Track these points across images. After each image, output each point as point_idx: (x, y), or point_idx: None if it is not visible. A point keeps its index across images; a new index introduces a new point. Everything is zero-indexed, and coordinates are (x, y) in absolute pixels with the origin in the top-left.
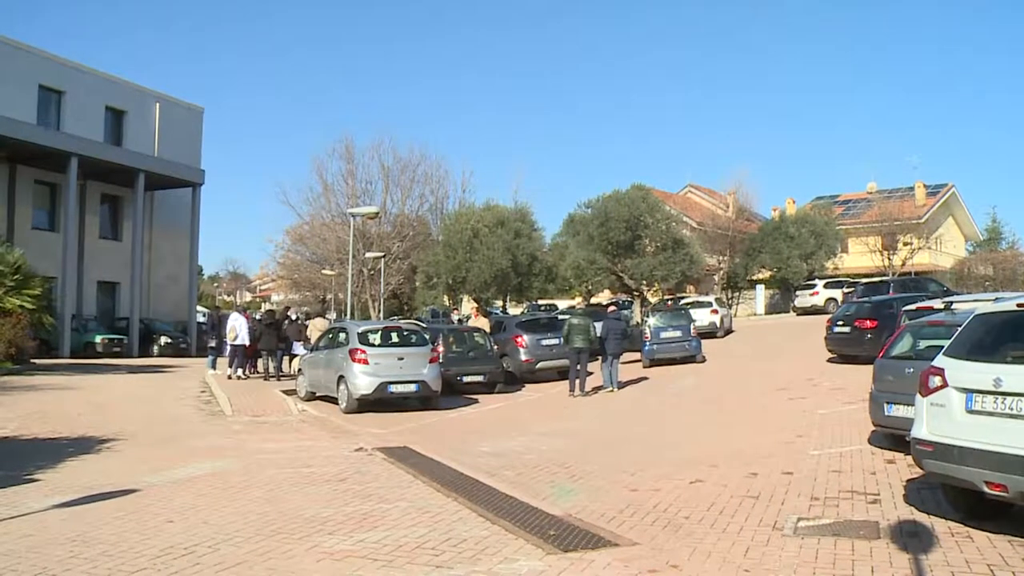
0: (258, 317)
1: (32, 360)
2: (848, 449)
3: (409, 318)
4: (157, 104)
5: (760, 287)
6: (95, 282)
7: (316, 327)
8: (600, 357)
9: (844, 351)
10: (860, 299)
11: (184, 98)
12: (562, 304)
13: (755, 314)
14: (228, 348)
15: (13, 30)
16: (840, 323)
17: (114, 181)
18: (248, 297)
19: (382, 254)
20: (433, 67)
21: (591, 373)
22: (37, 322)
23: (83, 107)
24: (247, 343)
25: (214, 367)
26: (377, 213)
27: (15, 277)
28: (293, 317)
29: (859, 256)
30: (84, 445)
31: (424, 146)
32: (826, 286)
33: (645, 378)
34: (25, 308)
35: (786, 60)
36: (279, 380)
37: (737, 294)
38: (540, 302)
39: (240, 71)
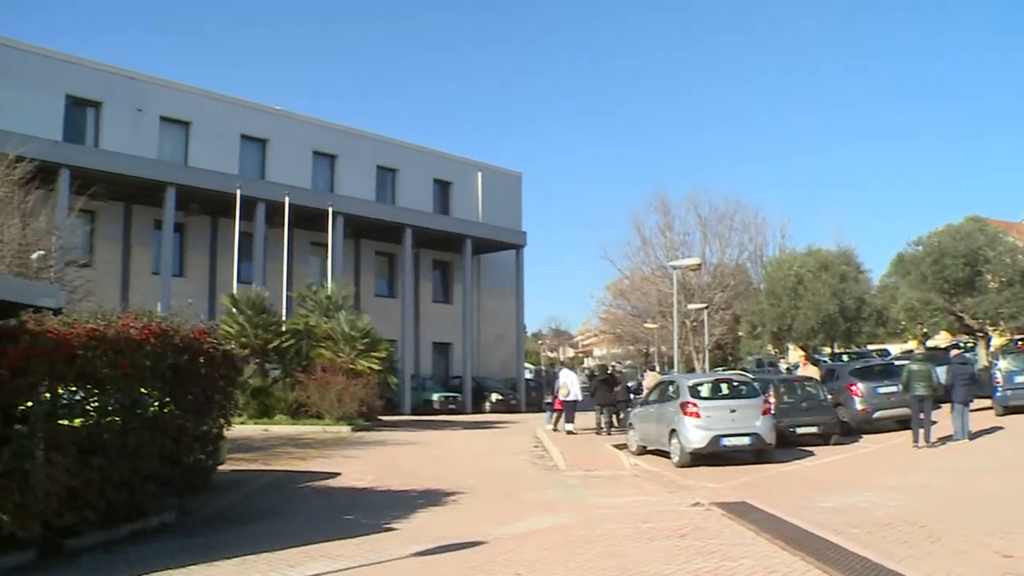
0: (596, 372)
1: (379, 417)
2: None
3: (734, 369)
4: (479, 173)
5: None
6: (430, 343)
7: (650, 380)
8: (944, 405)
9: None
10: None
11: (503, 165)
12: (893, 349)
13: None
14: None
15: (355, 119)
16: None
17: (443, 248)
18: (570, 353)
19: (704, 305)
20: (743, 114)
21: (935, 422)
22: (383, 382)
23: (414, 182)
24: (579, 399)
25: (553, 422)
26: (699, 265)
27: (364, 341)
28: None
29: None
30: (431, 497)
31: (739, 194)
32: None
33: (999, 427)
34: (373, 369)
35: None
36: (610, 434)
37: None
38: (870, 347)
39: (556, 133)
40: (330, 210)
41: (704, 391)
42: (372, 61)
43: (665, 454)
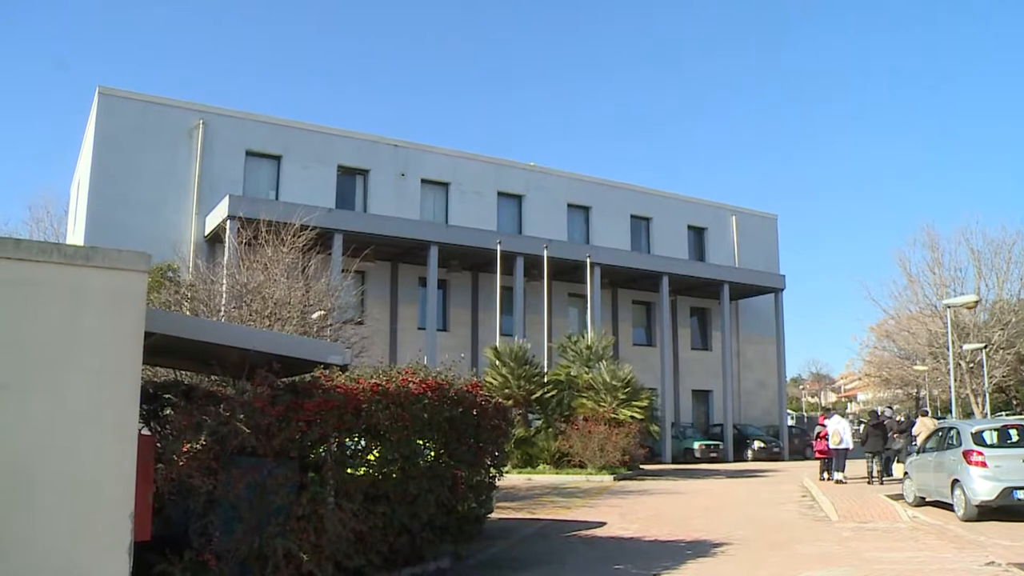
0: (865, 419)
1: (641, 466)
2: None
3: (1020, 414)
4: (733, 217)
5: None
6: (689, 391)
7: (923, 426)
8: None
9: None
10: None
11: (759, 208)
12: None
13: None
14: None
15: (610, 173)
16: None
17: (700, 294)
18: (832, 398)
19: (982, 345)
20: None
21: None
22: (645, 431)
23: (668, 229)
24: (850, 446)
25: (829, 472)
26: (977, 302)
27: (625, 391)
28: (898, 418)
29: None
30: (699, 548)
31: (1018, 223)
32: None
33: None
34: (635, 418)
35: None
36: (882, 484)
37: None
38: None
39: (811, 176)
40: (588, 261)
41: (989, 438)
42: (617, 111)
43: (946, 506)
